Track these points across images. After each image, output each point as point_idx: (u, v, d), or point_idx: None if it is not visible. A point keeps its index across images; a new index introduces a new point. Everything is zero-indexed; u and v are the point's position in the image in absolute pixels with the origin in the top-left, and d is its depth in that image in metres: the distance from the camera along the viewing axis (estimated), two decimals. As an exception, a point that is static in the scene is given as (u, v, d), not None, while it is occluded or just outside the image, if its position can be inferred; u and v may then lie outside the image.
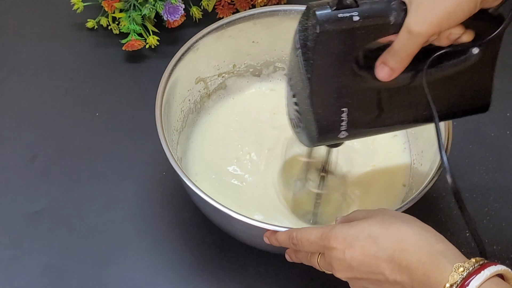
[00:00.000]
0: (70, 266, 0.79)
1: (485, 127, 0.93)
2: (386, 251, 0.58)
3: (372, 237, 0.59)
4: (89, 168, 0.87)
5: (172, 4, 0.97)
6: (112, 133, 0.91)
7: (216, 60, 0.87)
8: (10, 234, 0.82)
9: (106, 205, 0.84)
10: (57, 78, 0.97)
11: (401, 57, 0.60)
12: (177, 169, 0.71)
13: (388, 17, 0.59)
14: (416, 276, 0.57)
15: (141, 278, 0.78)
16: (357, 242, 0.60)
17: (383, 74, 0.61)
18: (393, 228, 0.59)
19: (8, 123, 0.92)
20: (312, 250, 0.65)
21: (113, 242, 0.81)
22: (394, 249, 0.58)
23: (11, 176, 0.87)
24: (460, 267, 0.55)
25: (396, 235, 0.59)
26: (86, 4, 1.00)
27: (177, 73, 0.80)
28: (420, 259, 0.57)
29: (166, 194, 0.85)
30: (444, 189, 0.86)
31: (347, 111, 0.63)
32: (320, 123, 0.63)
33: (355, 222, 0.62)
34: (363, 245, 0.59)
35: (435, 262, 0.56)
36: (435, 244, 0.57)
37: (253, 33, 0.86)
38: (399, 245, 0.58)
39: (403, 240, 0.58)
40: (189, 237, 0.82)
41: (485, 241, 0.82)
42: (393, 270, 0.58)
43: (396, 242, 0.58)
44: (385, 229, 0.59)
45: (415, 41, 0.59)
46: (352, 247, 0.60)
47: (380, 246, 0.59)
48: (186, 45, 0.81)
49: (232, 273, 0.79)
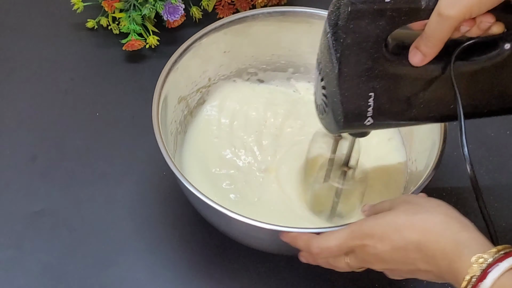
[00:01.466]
0: (70, 266, 0.79)
1: (485, 127, 0.93)
2: (413, 243, 0.59)
3: (398, 229, 0.60)
4: (89, 168, 0.87)
5: (172, 4, 0.97)
6: (112, 133, 0.91)
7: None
8: (10, 234, 0.82)
9: (106, 205, 0.84)
10: (57, 78, 0.97)
11: (432, 42, 0.60)
12: (175, 171, 0.71)
13: (420, 1, 0.60)
14: (442, 265, 0.57)
15: (141, 278, 0.78)
16: (386, 236, 0.61)
17: (416, 59, 0.62)
18: (418, 219, 0.60)
19: (8, 123, 0.92)
20: (336, 255, 0.65)
21: (113, 242, 0.81)
22: (419, 240, 0.59)
23: (11, 176, 0.87)
24: (480, 258, 0.55)
25: (421, 225, 0.59)
26: (86, 4, 1.00)
27: (174, 74, 0.80)
28: (444, 249, 0.57)
29: (166, 194, 0.85)
30: (444, 190, 0.86)
31: (374, 96, 0.63)
32: (347, 105, 0.63)
33: (381, 215, 0.63)
34: (392, 238, 0.60)
35: (457, 253, 0.56)
36: (459, 232, 0.58)
37: (224, 43, 0.87)
38: (425, 236, 0.59)
39: (427, 230, 0.59)
40: (189, 237, 0.82)
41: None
42: (422, 260, 0.59)
43: (422, 232, 0.59)
44: (410, 219, 0.60)
45: (445, 25, 0.59)
46: (382, 241, 0.61)
47: (407, 239, 0.59)
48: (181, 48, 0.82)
49: (232, 273, 0.79)
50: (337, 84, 0.62)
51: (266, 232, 0.69)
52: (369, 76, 0.62)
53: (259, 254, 0.79)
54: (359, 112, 0.64)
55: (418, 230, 0.59)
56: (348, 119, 0.64)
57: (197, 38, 0.83)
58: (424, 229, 0.59)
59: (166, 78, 0.79)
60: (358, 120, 0.64)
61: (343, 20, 0.60)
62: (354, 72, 0.62)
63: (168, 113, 0.81)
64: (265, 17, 0.86)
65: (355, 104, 0.63)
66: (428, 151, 0.77)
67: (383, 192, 0.81)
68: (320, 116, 0.68)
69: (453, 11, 0.58)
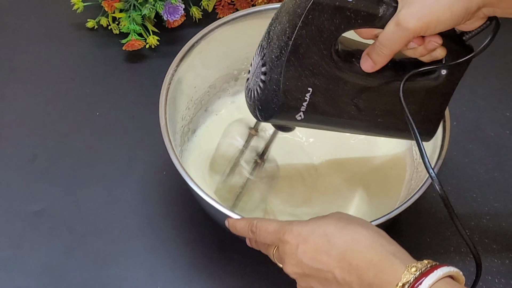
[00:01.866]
0: (70, 266, 0.79)
1: (485, 126, 0.93)
2: (338, 250, 0.59)
3: (326, 234, 0.60)
4: (89, 168, 0.87)
5: (172, 4, 0.97)
6: (112, 133, 0.91)
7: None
8: (10, 234, 0.82)
9: (106, 205, 0.84)
10: (57, 78, 0.97)
11: (384, 52, 0.62)
12: (181, 171, 0.71)
13: (379, 8, 0.61)
14: (366, 277, 0.57)
15: (141, 278, 0.78)
16: (311, 238, 0.60)
17: (366, 65, 0.64)
18: (348, 229, 0.60)
19: (8, 123, 0.92)
20: (268, 241, 0.66)
21: (113, 242, 0.81)
22: (346, 248, 0.58)
23: (11, 176, 0.87)
24: (413, 267, 0.55)
25: (350, 235, 0.59)
26: (86, 4, 1.00)
27: (180, 73, 0.80)
28: (372, 260, 0.57)
29: (166, 194, 0.85)
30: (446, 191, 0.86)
31: (312, 91, 0.64)
32: (284, 95, 0.63)
33: (312, 219, 0.63)
34: (317, 241, 0.60)
35: (387, 263, 0.56)
36: (388, 246, 0.58)
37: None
38: (352, 245, 0.59)
39: (355, 240, 0.59)
40: (189, 236, 0.82)
41: (484, 241, 0.82)
42: (343, 269, 0.58)
43: (349, 241, 0.59)
44: (340, 228, 0.60)
45: (401, 36, 0.60)
46: (306, 242, 0.61)
47: (333, 244, 0.59)
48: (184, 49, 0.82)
49: (232, 272, 0.79)
50: (281, 71, 0.62)
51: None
52: (312, 71, 0.63)
53: (258, 253, 0.79)
54: (294, 105, 0.64)
55: (346, 239, 0.59)
56: (282, 109, 0.64)
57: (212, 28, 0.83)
58: (352, 239, 0.59)
59: (174, 74, 0.79)
60: (291, 112, 0.64)
61: (303, 9, 0.60)
62: (300, 64, 0.62)
63: (175, 111, 0.80)
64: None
65: (292, 95, 0.63)
66: (430, 151, 0.77)
67: (386, 191, 0.82)
68: (250, 102, 0.67)
69: (411, 24, 0.59)
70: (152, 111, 0.76)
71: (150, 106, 0.87)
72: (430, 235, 0.83)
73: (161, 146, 0.79)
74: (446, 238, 0.82)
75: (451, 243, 0.82)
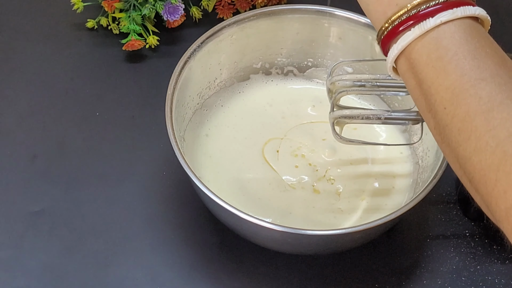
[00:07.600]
0: (70, 266, 0.79)
1: (485, 127, 0.93)
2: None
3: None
4: (89, 168, 0.87)
5: (172, 4, 0.97)
6: (112, 133, 0.91)
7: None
8: (10, 234, 0.82)
9: (106, 205, 0.84)
10: (57, 78, 0.97)
11: None
12: (188, 170, 0.71)
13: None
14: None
15: (141, 278, 0.78)
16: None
17: None
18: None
19: (8, 123, 0.92)
20: None
21: (113, 242, 0.81)
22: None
23: (11, 176, 0.87)
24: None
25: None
26: (86, 4, 1.00)
27: (189, 67, 0.80)
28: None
29: (166, 194, 0.85)
30: (444, 190, 0.86)
31: None
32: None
33: None
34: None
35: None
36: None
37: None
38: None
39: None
40: (189, 236, 0.82)
41: (484, 241, 0.82)
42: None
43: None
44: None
45: None
46: None
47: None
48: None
49: (232, 273, 0.79)
50: None
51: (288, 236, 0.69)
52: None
53: (259, 253, 0.79)
54: None
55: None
56: None
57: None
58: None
59: (181, 71, 0.79)
60: None
61: None
62: None
63: (181, 110, 0.81)
64: (301, 12, 0.87)
65: None
66: (434, 149, 0.78)
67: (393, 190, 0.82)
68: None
69: None
70: (152, 111, 0.76)
71: (150, 106, 0.88)
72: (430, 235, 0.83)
73: (161, 146, 0.80)
74: (446, 238, 0.82)
75: (451, 243, 0.82)
